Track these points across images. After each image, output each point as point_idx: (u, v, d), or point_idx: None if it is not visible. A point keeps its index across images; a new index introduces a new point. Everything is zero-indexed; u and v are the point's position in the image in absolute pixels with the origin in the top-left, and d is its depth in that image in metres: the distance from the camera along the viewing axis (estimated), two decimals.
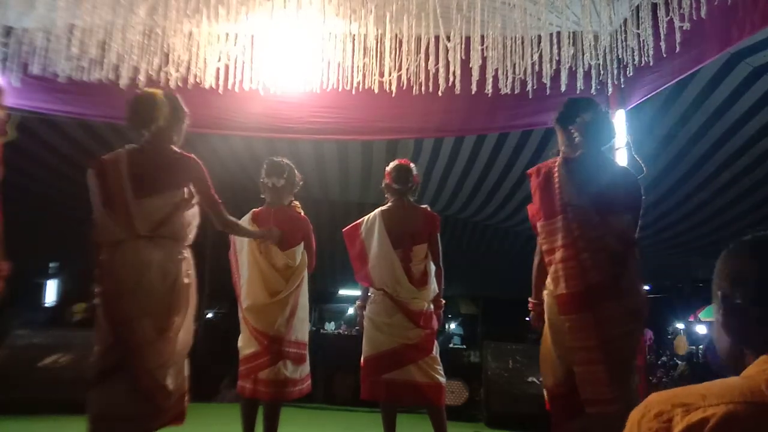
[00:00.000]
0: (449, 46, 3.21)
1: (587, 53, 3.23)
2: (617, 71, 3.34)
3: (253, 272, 3.26)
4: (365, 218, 3.49)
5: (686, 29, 2.74)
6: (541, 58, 3.24)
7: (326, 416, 6.56)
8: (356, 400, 7.44)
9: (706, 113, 4.54)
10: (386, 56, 3.31)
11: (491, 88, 3.25)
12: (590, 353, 2.30)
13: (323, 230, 8.41)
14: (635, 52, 3.09)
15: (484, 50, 3.20)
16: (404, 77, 3.32)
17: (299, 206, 3.50)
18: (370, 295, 3.42)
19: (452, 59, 3.22)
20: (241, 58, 3.46)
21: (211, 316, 8.51)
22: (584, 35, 3.20)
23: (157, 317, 2.47)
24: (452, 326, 13.35)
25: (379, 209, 3.47)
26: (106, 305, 2.47)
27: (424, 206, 3.50)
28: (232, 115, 3.68)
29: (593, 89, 3.32)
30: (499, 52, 3.22)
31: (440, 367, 3.32)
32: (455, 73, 3.23)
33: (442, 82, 3.25)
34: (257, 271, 3.26)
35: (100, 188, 2.54)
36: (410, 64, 3.31)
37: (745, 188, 5.71)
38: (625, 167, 2.85)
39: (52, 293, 10.26)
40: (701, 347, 8.60)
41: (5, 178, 2.65)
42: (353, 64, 3.39)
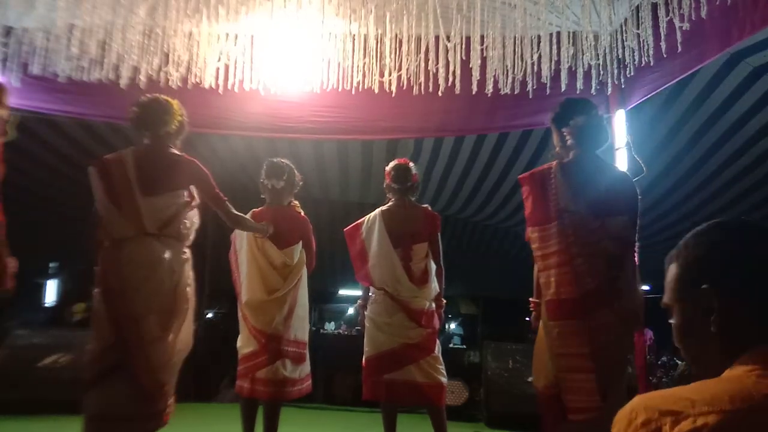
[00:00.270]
0: (449, 46, 3.21)
1: (587, 53, 3.23)
2: (617, 71, 3.34)
3: (251, 269, 3.28)
4: (366, 218, 3.49)
5: (686, 29, 2.74)
6: (540, 58, 3.24)
7: (326, 416, 6.55)
8: (356, 400, 7.45)
9: (706, 113, 4.53)
10: (386, 56, 3.31)
11: (491, 88, 3.25)
12: (580, 361, 2.29)
13: (323, 230, 8.41)
14: (635, 52, 3.08)
15: (484, 50, 3.20)
16: (404, 77, 3.32)
17: (299, 206, 3.50)
18: (371, 295, 3.42)
19: (452, 59, 3.22)
20: (241, 58, 3.45)
21: (211, 316, 8.52)
22: (584, 35, 3.19)
23: (161, 316, 2.48)
24: (452, 326, 13.33)
25: (379, 209, 3.48)
26: (109, 303, 2.46)
27: (424, 205, 3.50)
28: (232, 115, 3.68)
29: (593, 89, 3.32)
30: (499, 52, 3.22)
31: (442, 366, 3.31)
32: (455, 73, 3.22)
33: (442, 82, 3.25)
34: (255, 268, 3.28)
35: (104, 186, 2.55)
36: (410, 64, 3.31)
37: (745, 188, 5.71)
38: (620, 169, 2.85)
39: (52, 293, 10.26)
40: None
41: (5, 178, 2.65)
42: (353, 64, 3.39)
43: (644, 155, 3.36)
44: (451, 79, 3.24)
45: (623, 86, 3.37)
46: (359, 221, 3.52)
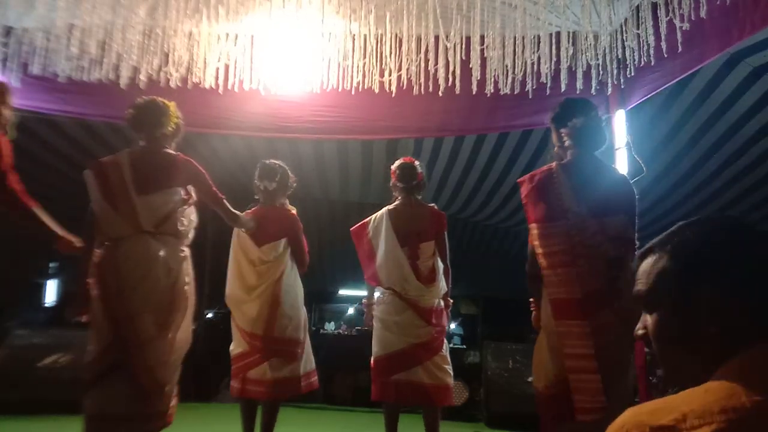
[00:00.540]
0: (449, 46, 3.21)
1: (587, 53, 3.23)
2: (617, 71, 3.34)
3: (232, 264, 3.33)
4: (372, 217, 3.48)
5: (686, 29, 2.74)
6: (540, 58, 3.24)
7: (326, 416, 6.56)
8: (356, 400, 7.46)
9: (706, 113, 4.53)
10: (386, 56, 3.31)
11: (491, 88, 3.25)
12: (585, 362, 2.29)
13: (323, 230, 8.43)
14: (635, 52, 3.08)
15: (483, 50, 3.20)
16: (404, 77, 3.32)
17: (291, 207, 3.50)
18: (378, 295, 3.40)
19: (452, 59, 3.22)
20: (241, 58, 3.46)
21: (211, 316, 8.51)
22: (584, 35, 3.20)
23: (158, 314, 2.47)
24: (452, 326, 13.33)
25: (386, 208, 3.46)
26: (106, 302, 2.45)
27: (431, 204, 3.49)
28: (232, 115, 3.68)
29: (593, 89, 3.32)
30: (498, 52, 3.22)
31: (449, 366, 3.31)
32: (455, 73, 3.22)
33: (442, 82, 3.25)
34: (235, 263, 3.32)
35: (100, 186, 2.56)
36: (410, 64, 3.31)
37: (745, 188, 5.70)
38: (617, 170, 2.86)
39: (52, 293, 10.26)
40: None
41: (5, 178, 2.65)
42: (353, 64, 3.39)
43: (644, 155, 3.36)
44: (451, 79, 3.24)
45: (623, 86, 3.37)
46: (365, 220, 3.51)
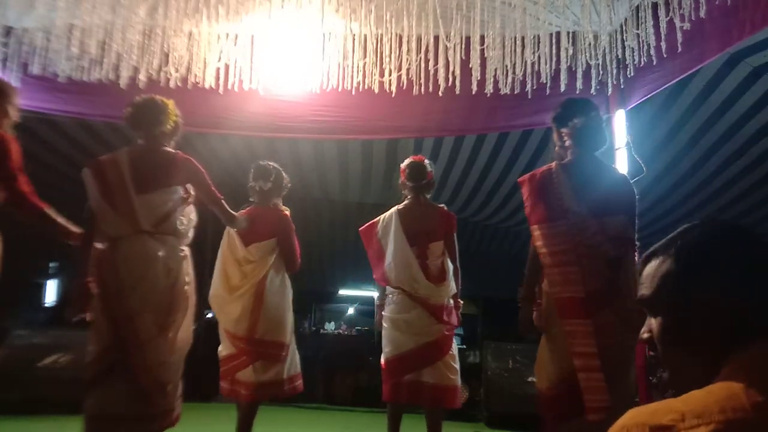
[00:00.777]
0: (449, 46, 3.21)
1: (587, 53, 3.23)
2: (617, 71, 3.34)
3: (219, 264, 3.32)
4: (381, 217, 3.47)
5: (686, 29, 2.74)
6: (540, 58, 3.24)
7: (326, 416, 6.56)
8: (356, 400, 7.46)
9: (706, 113, 4.53)
10: (386, 56, 3.31)
11: (491, 88, 3.26)
12: (590, 360, 2.29)
13: (323, 230, 8.43)
14: (635, 52, 3.08)
15: (483, 50, 3.20)
16: (404, 77, 3.32)
17: (284, 208, 3.48)
18: (388, 295, 3.39)
19: (452, 59, 3.23)
20: (241, 58, 3.46)
21: (211, 316, 8.51)
22: (584, 35, 3.20)
23: (158, 314, 2.46)
24: None
25: (395, 207, 3.45)
26: (105, 302, 2.44)
27: (441, 205, 3.49)
28: (232, 115, 3.68)
29: (593, 89, 3.32)
30: (498, 52, 3.22)
31: (457, 365, 3.30)
32: (455, 73, 3.23)
33: (442, 82, 3.26)
34: (222, 263, 3.30)
35: (98, 186, 2.54)
36: (410, 64, 3.31)
37: (745, 188, 5.71)
38: (618, 170, 2.86)
39: (52, 293, 10.25)
40: None
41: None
42: (353, 64, 3.39)
43: (644, 155, 3.36)
44: (451, 79, 3.24)
45: (623, 86, 3.37)
46: (374, 220, 3.50)
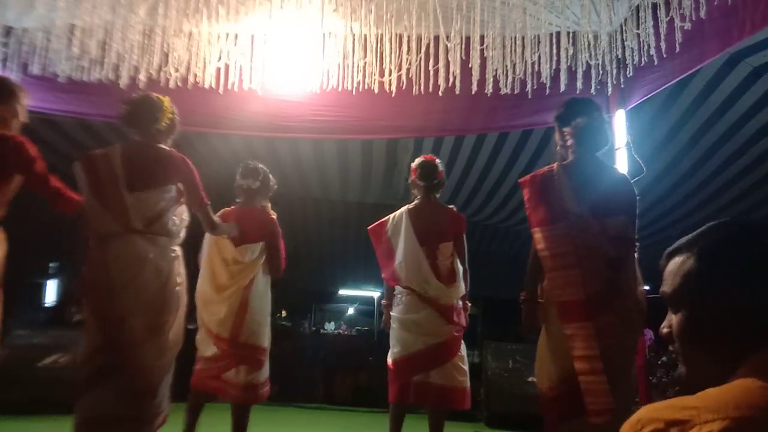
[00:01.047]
0: (449, 46, 3.21)
1: (587, 53, 3.23)
2: (617, 71, 3.34)
3: (206, 262, 3.28)
4: (391, 216, 3.46)
5: (686, 29, 2.74)
6: (540, 58, 3.24)
7: (326, 416, 6.56)
8: (356, 400, 7.46)
9: (706, 113, 4.53)
10: (386, 56, 3.31)
11: (491, 88, 3.25)
12: (591, 363, 2.29)
13: (323, 230, 8.43)
14: (635, 52, 3.08)
15: (484, 50, 3.20)
16: (404, 77, 3.32)
17: (271, 209, 3.48)
18: (396, 295, 3.37)
19: (452, 59, 3.23)
20: (241, 58, 3.46)
21: None
22: (584, 35, 3.20)
23: (149, 316, 2.41)
24: None
25: (405, 207, 3.44)
26: (95, 302, 2.40)
27: (450, 206, 3.48)
28: (232, 115, 3.68)
29: (593, 89, 3.32)
30: (498, 52, 3.22)
31: (466, 366, 3.29)
32: (455, 73, 3.23)
33: (442, 82, 3.26)
34: (209, 261, 3.26)
35: (89, 181, 2.50)
36: (410, 64, 3.31)
37: (745, 188, 5.71)
38: (619, 171, 2.85)
39: (52, 293, 10.25)
40: None
41: None
42: (353, 64, 3.39)
43: (644, 155, 3.36)
44: (451, 79, 3.24)
45: (623, 86, 3.37)
46: (384, 219, 3.49)
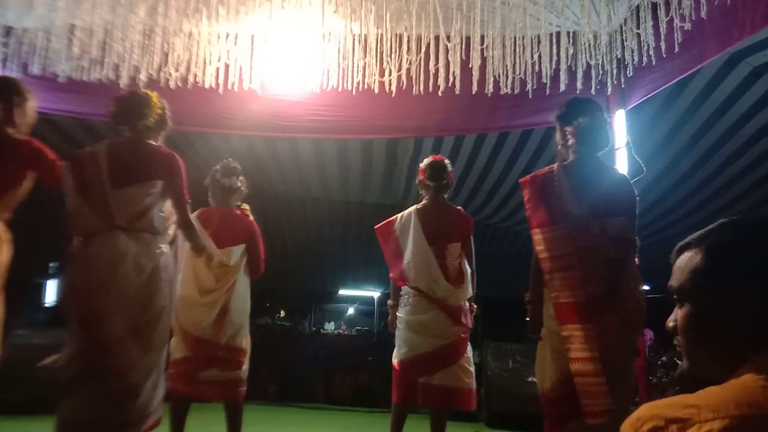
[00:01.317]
0: (449, 46, 3.21)
1: (587, 53, 3.23)
2: (617, 71, 3.34)
3: (187, 267, 3.21)
4: (399, 215, 3.45)
5: (686, 29, 2.74)
6: (540, 58, 3.24)
7: (326, 416, 6.56)
8: (356, 400, 7.47)
9: (706, 113, 4.53)
10: (386, 56, 3.31)
11: (491, 88, 3.26)
12: (587, 365, 2.28)
13: (323, 230, 8.43)
14: (635, 52, 3.09)
15: (484, 50, 3.20)
16: (404, 77, 3.32)
17: (248, 210, 3.46)
18: (402, 295, 3.36)
19: (452, 59, 3.23)
20: (241, 58, 3.46)
21: None
22: (584, 35, 3.20)
23: (129, 315, 2.35)
24: None
25: (414, 207, 3.44)
26: (77, 302, 2.37)
27: (458, 207, 3.48)
28: (232, 114, 3.68)
29: (593, 89, 3.32)
30: (498, 52, 3.22)
31: (472, 368, 3.28)
32: (455, 73, 3.23)
33: (442, 82, 3.25)
34: (191, 264, 3.20)
35: (74, 180, 2.48)
36: (410, 64, 3.31)
37: (745, 188, 5.71)
38: (619, 171, 2.85)
39: (52, 293, 10.25)
40: None
41: None
42: (353, 64, 3.39)
43: (644, 155, 3.36)
44: (451, 79, 3.24)
45: (623, 86, 3.37)
46: (391, 219, 3.48)
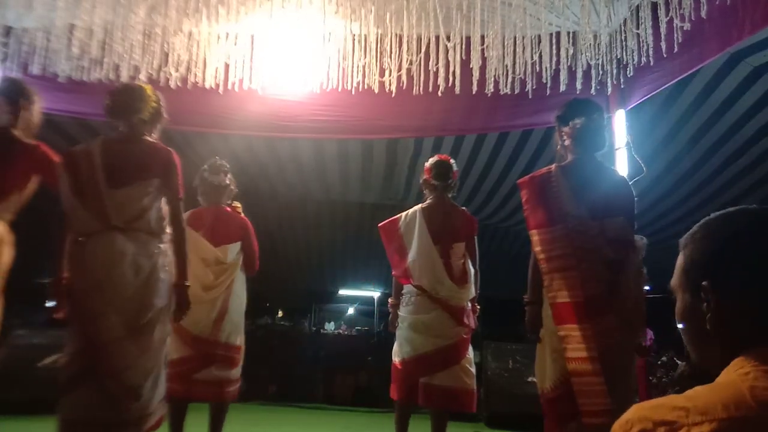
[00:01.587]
0: (449, 46, 3.22)
1: (587, 53, 3.23)
2: (617, 71, 3.34)
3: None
4: (403, 214, 3.45)
5: (686, 29, 2.74)
6: (540, 58, 3.24)
7: (326, 416, 6.56)
8: (356, 400, 7.47)
9: (706, 113, 4.54)
10: (386, 56, 3.32)
11: (491, 88, 3.26)
12: (587, 365, 2.28)
13: (324, 230, 8.43)
14: (635, 52, 3.09)
15: (484, 50, 3.20)
16: (404, 77, 3.33)
17: (240, 207, 3.45)
18: (405, 295, 3.35)
19: (452, 59, 3.23)
20: (241, 58, 3.46)
21: None
22: (584, 35, 3.20)
23: (126, 314, 2.33)
24: None
25: (419, 206, 3.43)
26: (75, 302, 2.36)
27: (462, 208, 3.47)
28: (232, 114, 3.68)
29: (593, 89, 3.33)
30: (498, 52, 3.22)
31: (473, 368, 3.28)
32: (455, 73, 3.23)
33: (442, 82, 3.26)
34: (190, 264, 3.18)
35: (69, 179, 2.45)
36: (410, 64, 3.31)
37: (745, 188, 5.72)
38: (617, 172, 2.85)
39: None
40: None
41: None
42: (353, 64, 3.39)
43: (644, 155, 3.36)
44: (451, 79, 3.24)
45: (623, 86, 3.37)
46: (395, 217, 3.47)
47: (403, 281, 3.38)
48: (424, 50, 3.27)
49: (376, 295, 11.64)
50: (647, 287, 2.55)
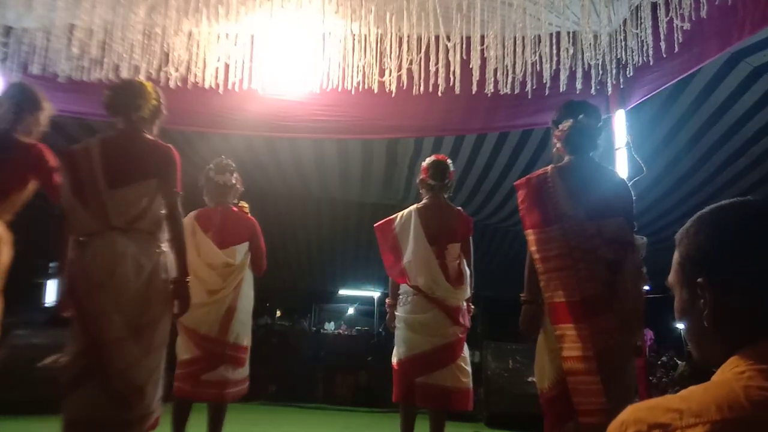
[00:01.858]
0: (449, 46, 3.22)
1: (587, 53, 3.23)
2: (617, 71, 3.35)
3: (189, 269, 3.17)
4: (399, 214, 3.45)
5: (686, 29, 2.74)
6: (540, 58, 3.25)
7: (326, 416, 6.56)
8: (356, 400, 7.47)
9: (706, 113, 4.54)
10: (386, 56, 3.32)
11: (491, 88, 3.26)
12: (582, 364, 2.28)
13: (324, 229, 8.43)
14: (635, 52, 3.09)
15: (484, 50, 3.20)
16: (404, 77, 3.33)
17: (247, 207, 3.44)
18: (402, 295, 3.35)
19: (452, 59, 3.23)
20: (241, 58, 3.46)
21: None
22: (584, 35, 3.20)
23: (128, 314, 2.33)
24: None
25: (414, 206, 3.43)
26: (77, 303, 2.36)
27: (458, 208, 3.47)
28: (232, 114, 3.68)
29: (593, 89, 3.33)
30: (498, 52, 3.22)
31: (469, 368, 3.28)
32: (455, 72, 3.23)
33: (442, 82, 3.26)
34: (192, 270, 3.05)
35: (69, 179, 2.43)
36: (410, 64, 3.31)
37: (745, 188, 5.71)
38: (615, 172, 2.85)
39: (52, 293, 10.26)
40: None
41: None
42: (353, 64, 3.39)
43: (644, 155, 3.36)
44: (451, 79, 3.24)
45: (623, 86, 3.37)
46: (391, 217, 3.47)
47: (399, 280, 3.39)
48: (424, 50, 3.27)
49: (376, 295, 11.64)
50: (647, 287, 2.54)
